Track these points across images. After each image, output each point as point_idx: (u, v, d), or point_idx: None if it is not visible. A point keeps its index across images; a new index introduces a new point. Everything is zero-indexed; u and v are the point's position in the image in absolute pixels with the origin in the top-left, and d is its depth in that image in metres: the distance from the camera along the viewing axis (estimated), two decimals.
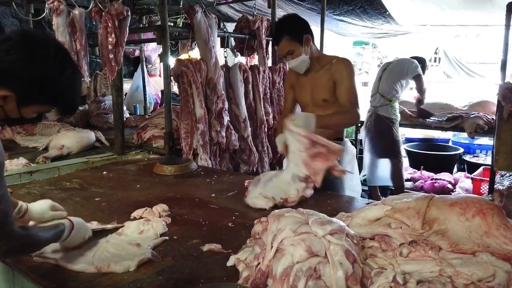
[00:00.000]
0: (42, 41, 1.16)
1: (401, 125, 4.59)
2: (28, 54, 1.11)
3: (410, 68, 4.29)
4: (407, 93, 5.45)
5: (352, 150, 2.53)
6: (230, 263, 1.34)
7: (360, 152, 5.10)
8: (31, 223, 1.44)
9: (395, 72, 4.36)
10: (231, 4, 5.46)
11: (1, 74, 1.09)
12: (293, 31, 2.25)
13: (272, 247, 1.16)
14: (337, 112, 2.29)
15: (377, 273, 1.12)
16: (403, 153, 5.49)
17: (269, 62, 3.95)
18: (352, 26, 5.86)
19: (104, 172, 2.58)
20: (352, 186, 2.46)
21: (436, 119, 4.51)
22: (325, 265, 1.09)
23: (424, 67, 4.48)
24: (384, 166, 4.51)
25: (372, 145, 4.54)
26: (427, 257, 1.13)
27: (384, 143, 4.38)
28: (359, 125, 4.96)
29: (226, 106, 3.23)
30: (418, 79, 4.32)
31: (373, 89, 4.57)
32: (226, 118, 3.23)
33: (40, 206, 1.48)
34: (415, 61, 4.35)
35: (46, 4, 2.62)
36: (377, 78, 4.59)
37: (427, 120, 4.52)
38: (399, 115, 4.41)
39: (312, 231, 1.14)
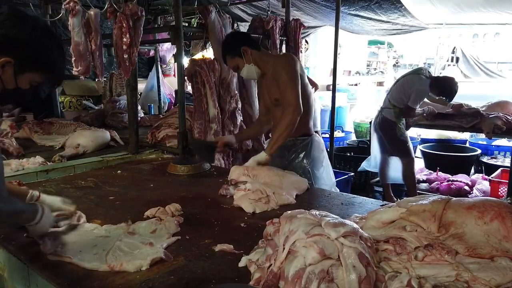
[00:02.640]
0: (28, 15, 1.28)
1: (419, 125, 4.51)
2: (21, 21, 1.22)
3: (412, 96, 4.03)
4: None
5: (320, 143, 2.64)
6: (242, 264, 1.33)
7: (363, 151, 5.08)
8: None
9: (405, 88, 4.13)
10: (243, 9, 5.48)
11: (1, 41, 1.18)
12: (229, 49, 2.45)
13: (284, 248, 1.15)
14: (278, 127, 2.34)
15: (391, 277, 1.10)
16: (418, 153, 5.41)
17: None
18: (367, 23, 5.79)
19: (119, 171, 2.61)
20: (324, 178, 2.60)
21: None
22: (338, 268, 1.07)
23: (450, 98, 4.17)
24: (396, 164, 4.44)
25: (381, 144, 4.46)
26: (443, 261, 1.11)
27: (392, 142, 4.32)
28: (370, 125, 4.92)
29: (240, 106, 3.23)
30: (408, 108, 4.07)
31: (388, 91, 4.47)
32: (239, 118, 3.24)
33: (52, 197, 1.62)
34: (419, 89, 4.02)
35: (62, 5, 2.66)
36: (394, 82, 4.48)
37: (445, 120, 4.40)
38: (403, 120, 4.27)
39: (325, 233, 1.12)
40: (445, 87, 4.14)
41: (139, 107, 4.19)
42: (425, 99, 4.26)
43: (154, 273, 1.31)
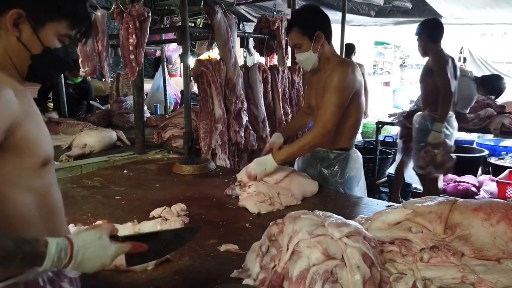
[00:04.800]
0: None
1: None
2: None
3: (461, 102, 3.87)
4: None
5: (358, 159, 2.31)
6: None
7: (382, 153, 5.01)
8: None
9: None
10: (249, 9, 5.49)
11: None
12: (304, 25, 2.08)
13: (288, 249, 1.15)
14: (299, 138, 2.16)
15: (396, 278, 1.10)
16: None
17: (289, 62, 3.93)
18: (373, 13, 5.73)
19: (125, 171, 2.63)
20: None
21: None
22: (342, 268, 1.07)
23: (498, 96, 4.10)
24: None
25: (407, 144, 4.16)
26: (449, 263, 1.10)
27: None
28: (380, 125, 4.88)
29: (245, 106, 3.23)
30: (458, 114, 3.83)
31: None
32: (245, 118, 3.24)
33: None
34: (469, 94, 3.92)
35: None
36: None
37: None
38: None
39: (328, 233, 1.12)
40: (494, 85, 4.08)
41: (145, 107, 4.22)
42: None
43: (159, 273, 1.31)
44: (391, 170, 4.75)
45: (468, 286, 1.03)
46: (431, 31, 3.53)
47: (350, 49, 4.90)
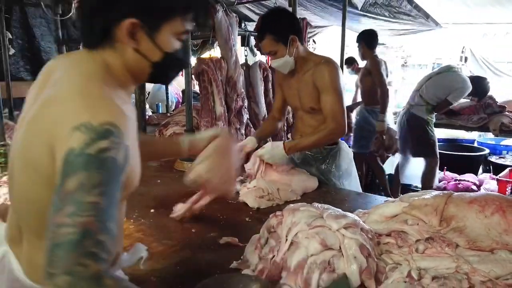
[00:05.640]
0: None
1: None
2: None
3: (455, 93, 4.00)
4: None
5: (348, 152, 2.36)
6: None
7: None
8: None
9: (444, 85, 4.05)
10: (250, 8, 5.50)
11: (113, 0, 0.86)
12: (277, 31, 2.03)
13: (287, 240, 1.17)
14: (313, 132, 2.15)
15: (392, 268, 1.12)
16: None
17: None
18: (374, 23, 5.78)
19: None
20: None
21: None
22: (339, 258, 1.09)
23: (481, 98, 4.27)
24: (416, 165, 4.32)
25: (405, 144, 4.29)
26: (444, 253, 1.13)
27: (419, 142, 4.17)
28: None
29: (246, 104, 3.26)
30: (446, 103, 4.06)
31: (416, 87, 4.31)
32: (246, 116, 3.27)
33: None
34: (464, 87, 3.98)
35: (73, 4, 2.72)
36: (424, 78, 4.30)
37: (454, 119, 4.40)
38: (434, 117, 4.19)
39: (326, 225, 1.15)
40: (477, 87, 4.16)
41: (147, 106, 4.25)
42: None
43: (160, 264, 1.34)
44: (392, 170, 4.77)
45: (462, 275, 1.05)
46: (368, 40, 4.23)
47: (349, 63, 5.54)
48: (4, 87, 4.12)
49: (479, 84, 4.20)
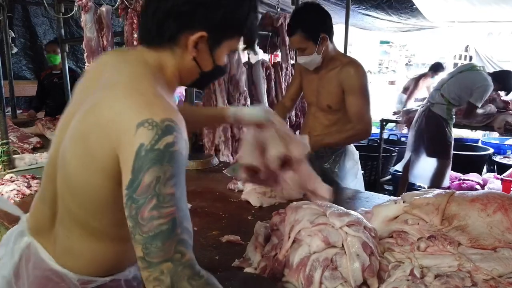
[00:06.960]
0: None
1: None
2: None
3: (476, 93, 3.92)
4: None
5: (354, 154, 2.34)
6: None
7: (386, 151, 5.02)
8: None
9: (466, 84, 3.96)
10: None
11: (191, 12, 0.90)
12: (309, 29, 2.01)
13: (289, 237, 1.17)
14: (339, 130, 2.15)
15: (394, 266, 1.12)
16: None
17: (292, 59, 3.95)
18: (378, 21, 5.78)
19: None
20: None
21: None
22: (342, 256, 1.09)
23: (509, 91, 4.19)
24: (427, 165, 4.22)
25: (419, 142, 4.21)
26: (446, 251, 1.12)
27: (436, 142, 4.09)
28: (384, 123, 4.89)
29: (248, 102, 3.26)
30: (471, 106, 3.99)
31: (437, 85, 4.23)
32: None
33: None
34: (485, 85, 3.87)
35: (75, 2, 2.73)
36: (447, 76, 4.20)
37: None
38: (454, 117, 4.10)
39: (329, 223, 1.14)
40: (505, 81, 4.12)
41: None
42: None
43: None
44: (396, 167, 4.75)
45: (464, 274, 1.04)
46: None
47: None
48: (7, 85, 4.13)
49: (507, 78, 4.14)
